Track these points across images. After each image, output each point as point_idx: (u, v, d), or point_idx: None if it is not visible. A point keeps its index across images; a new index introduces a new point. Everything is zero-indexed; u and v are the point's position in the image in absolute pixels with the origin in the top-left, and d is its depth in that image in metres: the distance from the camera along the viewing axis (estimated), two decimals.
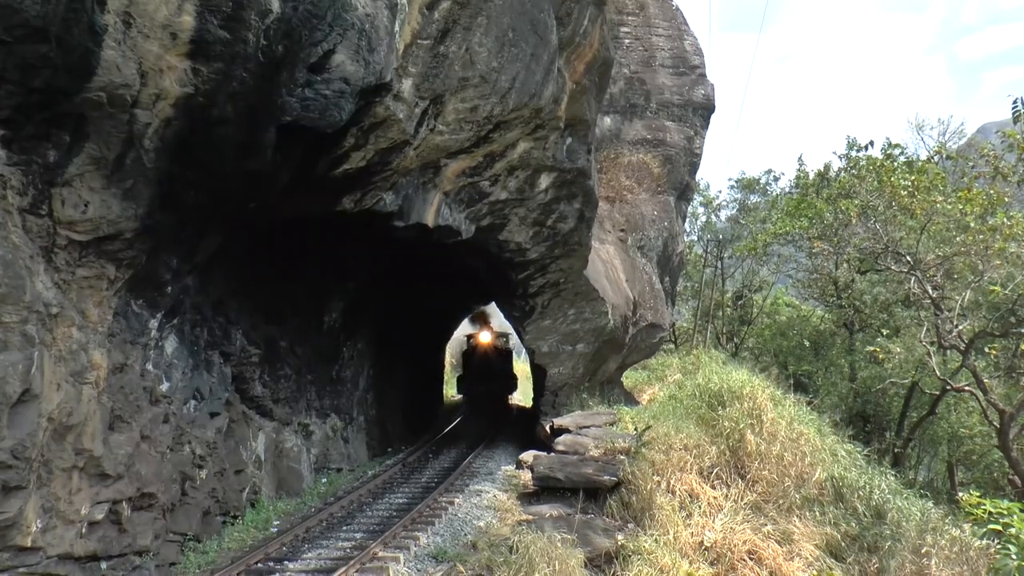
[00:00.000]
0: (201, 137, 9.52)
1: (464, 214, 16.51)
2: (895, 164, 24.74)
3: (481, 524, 14.72)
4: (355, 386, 23.48)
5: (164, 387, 12.58)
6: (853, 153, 27.79)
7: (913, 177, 23.02)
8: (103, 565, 10.33)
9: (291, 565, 12.27)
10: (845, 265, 32.29)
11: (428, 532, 14.02)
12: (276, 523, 15.37)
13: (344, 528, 14.73)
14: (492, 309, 37.07)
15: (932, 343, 23.98)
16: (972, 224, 21.39)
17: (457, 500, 16.31)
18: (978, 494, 10.33)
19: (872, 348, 27.56)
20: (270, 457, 17.40)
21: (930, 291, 22.80)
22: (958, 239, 22.55)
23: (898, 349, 26.76)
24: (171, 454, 12.38)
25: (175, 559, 12.39)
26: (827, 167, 32.57)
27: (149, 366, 12.01)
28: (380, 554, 12.41)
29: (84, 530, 9.78)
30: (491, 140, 14.32)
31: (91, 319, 9.87)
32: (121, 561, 10.70)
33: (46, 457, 8.95)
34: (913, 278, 23.57)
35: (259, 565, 12.29)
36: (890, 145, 26.12)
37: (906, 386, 28.93)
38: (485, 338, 38.49)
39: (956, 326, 21.95)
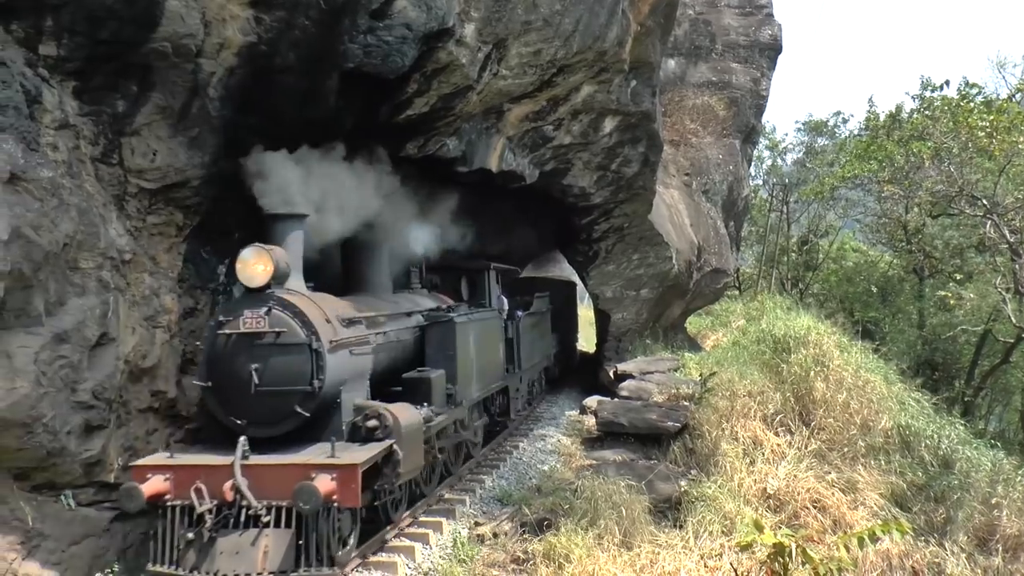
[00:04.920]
0: (264, 86, 9.58)
1: (527, 159, 16.38)
2: (972, 104, 23.83)
3: (545, 468, 14.85)
4: None
5: None
6: (927, 93, 26.84)
7: (992, 117, 22.15)
8: None
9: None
10: (916, 209, 31.40)
11: (493, 475, 14.21)
12: None
13: None
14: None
15: (1008, 289, 23.33)
16: None
17: (522, 444, 16.48)
18: None
19: (943, 294, 26.92)
20: None
21: (1008, 235, 22.10)
22: None
23: (971, 295, 26.14)
24: None
25: None
26: (899, 108, 31.54)
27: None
28: (447, 496, 12.63)
29: None
30: (554, 84, 14.10)
31: (162, 265, 10.10)
32: None
33: (124, 398, 9.27)
34: (989, 222, 22.87)
35: None
36: (967, 85, 25.16)
37: (978, 334, 28.26)
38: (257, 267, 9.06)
39: None
